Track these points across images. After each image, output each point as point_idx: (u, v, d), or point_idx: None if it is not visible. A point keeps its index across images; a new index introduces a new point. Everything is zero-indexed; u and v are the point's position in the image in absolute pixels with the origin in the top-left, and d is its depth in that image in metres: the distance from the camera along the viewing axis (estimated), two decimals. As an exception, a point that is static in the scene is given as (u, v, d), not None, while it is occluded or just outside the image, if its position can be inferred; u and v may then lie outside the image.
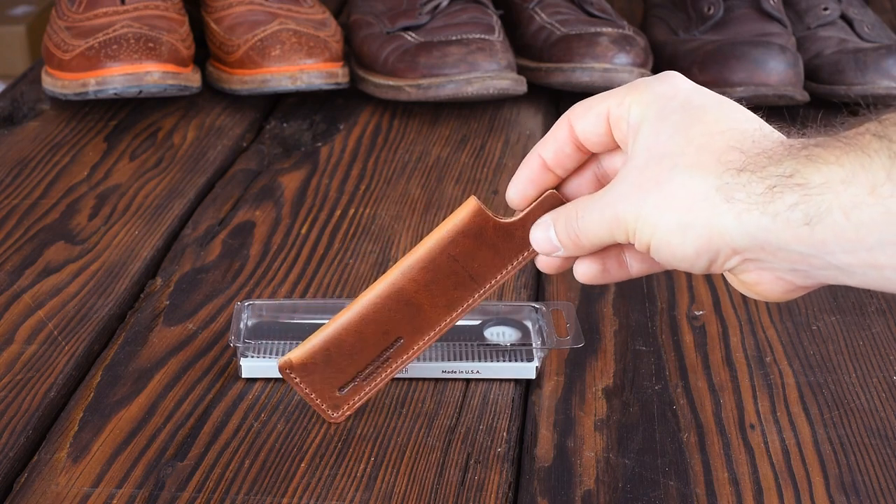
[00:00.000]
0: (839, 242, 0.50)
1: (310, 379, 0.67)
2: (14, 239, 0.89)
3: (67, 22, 1.10)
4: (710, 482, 0.65)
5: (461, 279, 0.65)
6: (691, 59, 1.13)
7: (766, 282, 0.55)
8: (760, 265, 0.54)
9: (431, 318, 0.66)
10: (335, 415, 0.68)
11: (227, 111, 1.12)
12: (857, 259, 0.50)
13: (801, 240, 0.51)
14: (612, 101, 0.59)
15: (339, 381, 0.67)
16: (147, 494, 0.63)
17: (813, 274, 0.53)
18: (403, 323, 0.66)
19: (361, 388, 0.67)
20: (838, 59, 1.12)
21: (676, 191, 0.54)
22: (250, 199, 0.96)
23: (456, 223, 0.64)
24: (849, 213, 0.49)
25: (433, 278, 0.65)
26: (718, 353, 0.77)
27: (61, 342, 0.76)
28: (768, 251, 0.53)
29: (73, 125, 1.08)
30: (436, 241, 0.64)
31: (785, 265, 0.53)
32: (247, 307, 0.75)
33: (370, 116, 1.12)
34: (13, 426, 0.68)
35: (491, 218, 0.64)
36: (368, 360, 0.66)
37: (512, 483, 0.65)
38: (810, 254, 0.52)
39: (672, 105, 0.57)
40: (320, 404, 0.67)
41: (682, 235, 0.55)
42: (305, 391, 0.67)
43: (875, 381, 0.74)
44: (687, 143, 0.55)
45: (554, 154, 0.62)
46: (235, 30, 1.12)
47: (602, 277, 0.63)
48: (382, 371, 0.67)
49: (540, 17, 1.17)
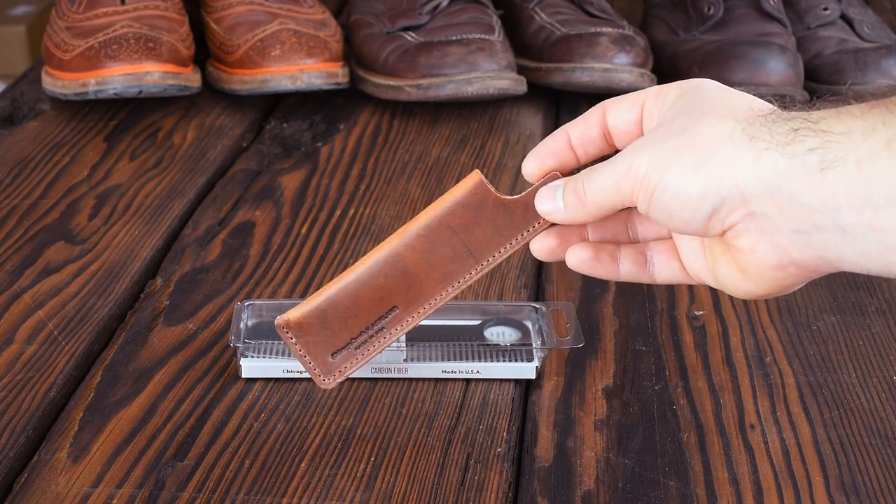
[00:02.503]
0: (848, 196, 0.50)
1: (305, 340, 0.66)
2: (14, 239, 0.89)
3: (67, 22, 1.10)
4: (710, 482, 0.65)
5: (458, 252, 0.64)
6: (691, 59, 1.13)
7: (761, 250, 0.54)
8: (762, 225, 0.54)
9: (426, 289, 0.65)
10: (326, 380, 0.67)
11: (227, 111, 1.12)
12: (861, 218, 0.50)
13: (813, 188, 0.51)
14: (650, 92, 0.60)
15: (332, 346, 0.66)
16: (147, 494, 0.63)
17: (813, 239, 0.52)
18: (399, 291, 0.65)
19: (353, 356, 0.66)
20: (838, 59, 1.12)
21: (702, 131, 0.54)
22: (250, 199, 0.96)
23: (457, 194, 0.64)
24: (862, 165, 0.49)
25: (431, 247, 0.64)
26: (718, 353, 0.77)
27: (61, 342, 0.76)
28: (777, 202, 0.52)
29: (73, 125, 1.08)
30: (436, 210, 0.64)
31: (788, 225, 0.53)
32: (247, 307, 0.75)
33: (370, 116, 1.12)
34: (13, 426, 0.68)
35: (492, 193, 0.64)
36: (362, 326, 0.66)
37: (512, 483, 0.65)
38: (817, 208, 0.51)
39: (709, 84, 0.59)
40: (314, 368, 0.67)
41: (694, 174, 0.54)
42: (300, 352, 0.66)
43: (875, 381, 0.74)
44: (720, 103, 0.56)
45: (580, 134, 0.62)
46: (235, 30, 1.12)
47: (592, 267, 0.63)
48: (375, 341, 0.66)
49: (540, 17, 1.17)
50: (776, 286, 0.56)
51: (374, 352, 0.66)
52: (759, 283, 0.56)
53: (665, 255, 0.62)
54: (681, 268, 0.61)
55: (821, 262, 0.54)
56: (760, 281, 0.56)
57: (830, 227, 0.51)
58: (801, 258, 0.54)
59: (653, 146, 0.56)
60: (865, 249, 0.51)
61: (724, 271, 0.58)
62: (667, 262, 0.62)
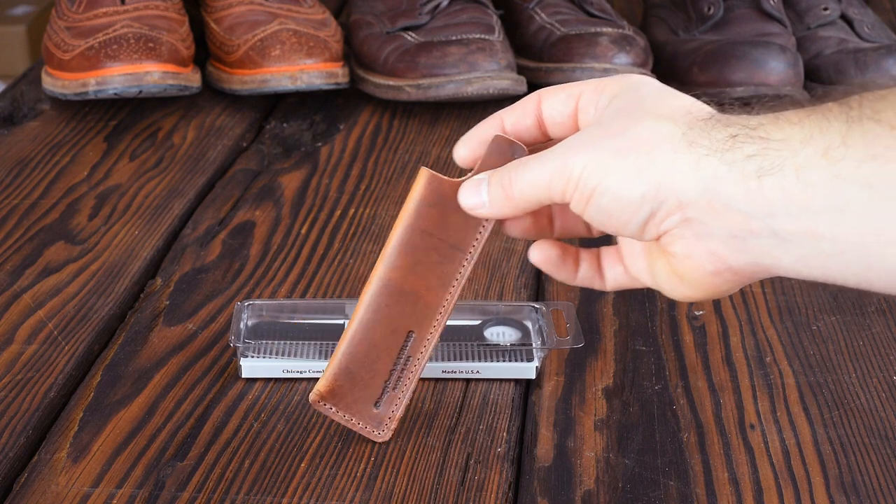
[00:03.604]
0: (785, 203, 0.50)
1: (344, 403, 0.66)
2: (14, 239, 0.89)
3: (67, 22, 1.10)
4: (710, 482, 0.65)
5: (444, 252, 0.64)
6: (691, 59, 1.13)
7: (696, 256, 0.54)
8: (697, 230, 0.53)
9: (431, 301, 0.65)
10: (380, 433, 0.67)
11: (227, 111, 1.12)
12: (798, 225, 0.50)
13: (750, 194, 0.51)
14: (587, 86, 0.60)
15: (372, 397, 0.66)
16: (147, 494, 0.63)
17: (749, 245, 0.52)
18: (406, 315, 0.65)
19: (395, 397, 0.66)
20: (838, 59, 1.12)
21: (641, 133, 0.54)
22: (250, 199, 0.96)
23: (415, 197, 0.63)
24: (800, 172, 0.49)
25: (416, 260, 0.64)
26: (718, 353, 0.77)
27: (61, 342, 0.76)
28: (714, 207, 0.52)
29: (73, 125, 1.08)
30: (404, 222, 0.64)
31: (724, 230, 0.53)
32: (247, 307, 0.75)
33: (370, 116, 1.12)
34: (13, 426, 0.68)
35: (446, 180, 0.63)
36: (389, 365, 0.66)
37: (512, 483, 0.65)
38: (753, 214, 0.51)
39: (649, 84, 0.58)
40: (363, 427, 0.66)
41: (634, 178, 0.54)
42: (345, 418, 0.66)
43: (875, 381, 0.74)
44: (660, 105, 0.56)
45: (515, 121, 0.62)
46: (235, 30, 1.12)
47: (555, 267, 0.63)
48: (408, 372, 0.66)
49: (540, 17, 1.17)
50: (713, 291, 0.56)
51: (412, 383, 0.66)
52: (695, 289, 0.56)
53: (611, 260, 0.62)
54: (624, 271, 0.61)
55: (757, 268, 0.53)
56: (697, 286, 0.56)
57: (767, 234, 0.51)
58: (737, 264, 0.54)
59: (590, 146, 0.56)
60: (802, 256, 0.51)
61: (662, 275, 0.57)
62: (612, 267, 0.62)
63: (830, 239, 0.50)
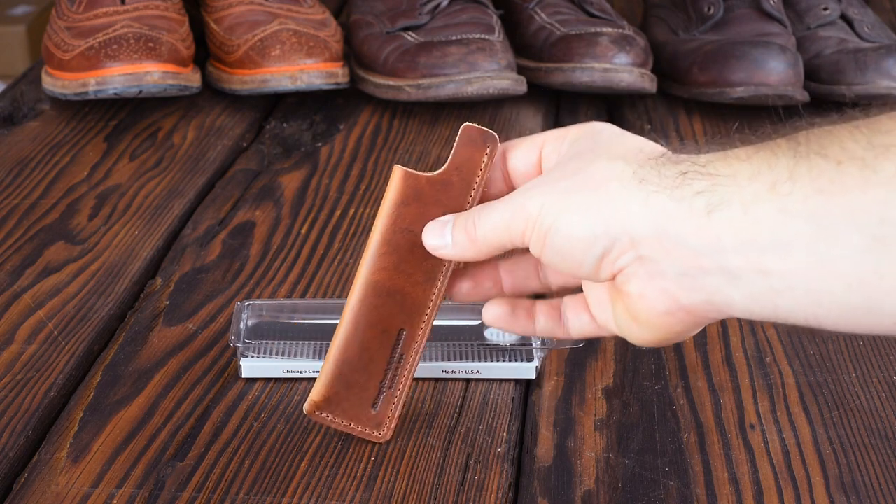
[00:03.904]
0: (733, 239, 0.50)
1: (341, 410, 0.66)
2: (14, 239, 0.89)
3: (67, 22, 1.10)
4: (710, 482, 0.65)
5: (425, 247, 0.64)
6: (691, 59, 1.13)
7: (650, 296, 0.54)
8: (650, 269, 0.54)
9: (419, 297, 0.65)
10: (380, 433, 0.67)
11: (227, 111, 1.12)
12: (747, 262, 0.50)
13: (700, 230, 0.51)
14: (550, 135, 0.61)
15: (367, 400, 0.66)
16: (147, 494, 0.63)
17: (700, 283, 0.52)
18: (395, 314, 0.65)
19: (391, 396, 0.66)
20: (838, 59, 1.12)
21: (594, 173, 0.55)
22: (250, 199, 0.96)
23: (392, 196, 0.63)
24: (747, 207, 0.50)
25: (399, 258, 0.64)
26: (718, 353, 0.77)
27: (61, 342, 0.76)
28: (664, 245, 0.52)
29: (73, 125, 1.08)
30: (383, 222, 0.64)
31: (675, 268, 0.53)
32: (247, 307, 0.75)
33: (370, 116, 1.12)
34: (13, 426, 0.68)
35: (421, 176, 0.63)
36: (383, 365, 0.66)
37: (512, 483, 0.65)
38: (702, 251, 0.51)
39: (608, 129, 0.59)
40: (362, 430, 0.66)
41: (585, 215, 0.54)
42: (343, 423, 0.66)
43: (875, 381, 0.74)
44: (613, 146, 0.57)
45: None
46: (235, 30, 1.12)
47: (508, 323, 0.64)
48: (403, 370, 0.66)
49: (540, 17, 1.17)
50: (669, 332, 0.56)
51: (407, 380, 0.66)
52: (651, 331, 0.56)
53: (576, 309, 0.62)
54: (591, 319, 0.61)
55: (709, 307, 0.54)
56: (652, 328, 0.56)
57: (716, 271, 0.52)
58: (689, 303, 0.54)
59: (545, 186, 0.57)
60: (753, 293, 0.51)
61: (622, 319, 0.58)
62: (577, 316, 0.62)
63: (779, 275, 0.50)
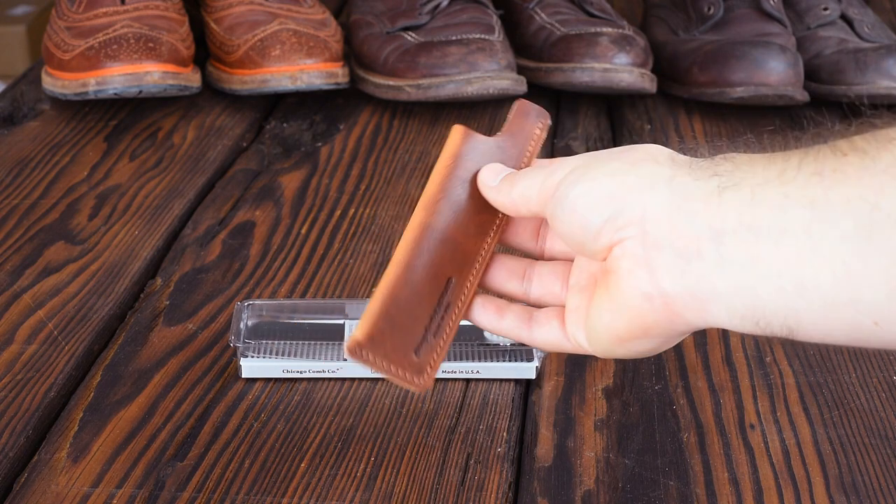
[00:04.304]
0: (735, 222, 0.51)
1: (383, 351, 0.61)
2: (14, 239, 0.89)
3: (67, 22, 1.10)
4: (710, 482, 0.65)
5: (479, 201, 0.63)
6: (691, 59, 1.13)
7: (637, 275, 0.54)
8: (648, 245, 0.54)
9: (469, 248, 0.63)
10: (420, 380, 0.62)
11: (227, 111, 1.12)
12: (742, 246, 0.51)
13: (709, 210, 0.52)
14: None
15: (411, 344, 0.62)
16: (147, 494, 0.63)
17: (690, 267, 0.52)
18: (446, 261, 0.62)
19: (434, 345, 0.62)
20: (838, 59, 1.12)
21: (631, 154, 0.56)
22: (250, 199, 0.96)
23: (451, 148, 0.63)
24: (755, 190, 0.51)
25: (455, 207, 0.63)
26: (718, 353, 0.77)
27: (61, 342, 0.76)
28: (672, 220, 0.53)
29: (73, 125, 1.08)
30: (441, 170, 0.63)
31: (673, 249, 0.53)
32: (247, 307, 0.75)
33: (370, 116, 1.12)
34: (13, 426, 0.68)
35: (479, 135, 0.63)
36: (430, 310, 0.62)
37: (512, 483, 0.65)
38: (705, 233, 0.52)
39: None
40: (403, 374, 0.61)
41: (610, 177, 0.55)
42: (383, 365, 0.61)
43: (875, 381, 0.74)
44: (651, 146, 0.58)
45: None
46: (235, 30, 1.12)
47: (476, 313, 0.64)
48: (448, 320, 0.63)
49: (540, 17, 1.17)
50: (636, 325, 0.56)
51: (452, 331, 0.63)
52: (620, 317, 0.56)
53: (549, 315, 0.61)
54: (560, 328, 0.61)
55: (690, 300, 0.53)
56: (623, 312, 0.56)
57: (711, 256, 0.52)
58: (672, 290, 0.53)
59: (583, 158, 0.58)
60: (738, 283, 0.52)
61: (596, 309, 0.57)
62: (548, 321, 0.61)
63: (768, 262, 0.51)
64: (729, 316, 0.53)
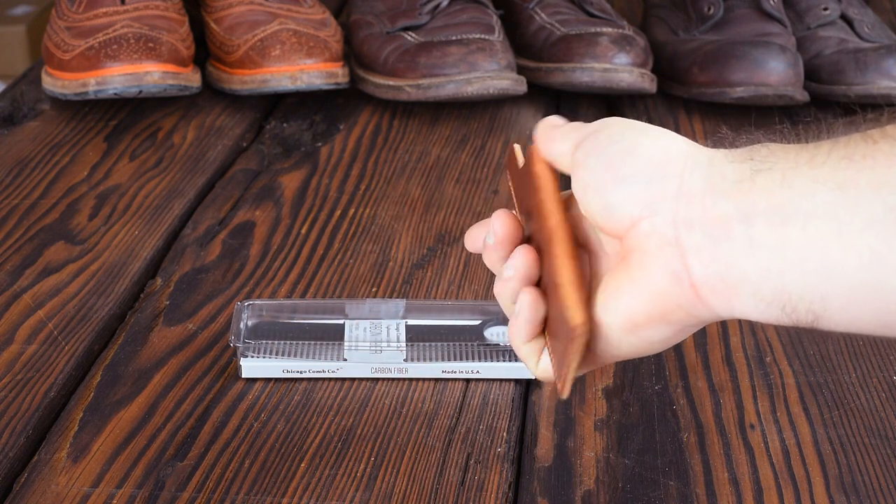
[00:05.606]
0: (765, 205, 0.51)
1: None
2: (14, 239, 0.89)
3: (67, 22, 1.10)
4: (710, 482, 0.65)
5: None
6: (691, 59, 1.13)
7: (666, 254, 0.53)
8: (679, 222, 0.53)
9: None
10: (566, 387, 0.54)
11: (227, 111, 1.12)
12: (770, 230, 0.51)
13: (741, 192, 0.51)
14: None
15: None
16: (147, 494, 0.63)
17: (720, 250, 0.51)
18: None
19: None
20: (838, 59, 1.12)
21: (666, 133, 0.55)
22: (250, 199, 0.96)
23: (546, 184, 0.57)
24: (786, 174, 0.51)
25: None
26: (718, 353, 0.77)
27: (61, 342, 0.76)
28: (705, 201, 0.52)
29: (73, 125, 1.08)
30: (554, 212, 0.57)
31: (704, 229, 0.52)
32: (247, 307, 0.75)
33: (370, 116, 1.12)
34: (13, 426, 0.68)
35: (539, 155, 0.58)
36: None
37: (512, 483, 0.65)
38: (735, 215, 0.51)
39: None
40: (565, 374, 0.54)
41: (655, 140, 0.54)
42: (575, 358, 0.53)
43: (875, 381, 0.74)
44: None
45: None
46: (235, 30, 1.12)
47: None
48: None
49: (540, 17, 1.17)
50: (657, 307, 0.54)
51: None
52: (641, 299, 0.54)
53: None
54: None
55: (718, 284, 0.53)
56: (645, 294, 0.54)
57: (741, 238, 0.52)
58: (701, 274, 0.53)
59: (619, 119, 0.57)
60: (766, 267, 0.51)
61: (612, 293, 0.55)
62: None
63: (796, 245, 0.50)
64: (755, 301, 0.52)
